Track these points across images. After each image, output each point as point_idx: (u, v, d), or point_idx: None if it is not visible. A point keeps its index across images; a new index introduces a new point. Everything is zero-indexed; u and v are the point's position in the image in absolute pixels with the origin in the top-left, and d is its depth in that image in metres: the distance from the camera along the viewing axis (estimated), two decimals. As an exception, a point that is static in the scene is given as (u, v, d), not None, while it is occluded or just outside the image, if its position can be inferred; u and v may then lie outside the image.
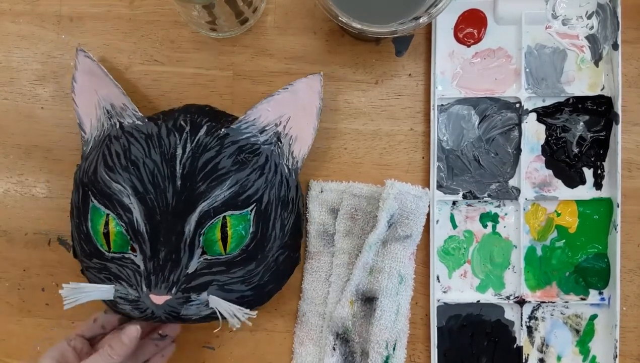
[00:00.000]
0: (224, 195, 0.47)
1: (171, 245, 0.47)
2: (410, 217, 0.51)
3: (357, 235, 0.53)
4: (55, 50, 0.56)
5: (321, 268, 0.54)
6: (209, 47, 0.55)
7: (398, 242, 0.52)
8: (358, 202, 0.53)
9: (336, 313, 0.52)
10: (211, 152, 0.48)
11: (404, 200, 0.51)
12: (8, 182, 0.56)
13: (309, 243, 0.54)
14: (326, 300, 0.54)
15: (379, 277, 0.52)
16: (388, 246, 0.52)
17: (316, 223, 0.54)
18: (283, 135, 0.51)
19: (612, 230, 0.54)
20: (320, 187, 0.54)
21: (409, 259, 0.53)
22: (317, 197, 0.54)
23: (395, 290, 0.52)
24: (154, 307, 0.48)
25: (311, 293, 0.54)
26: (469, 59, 0.55)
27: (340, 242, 0.53)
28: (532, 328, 0.54)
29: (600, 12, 0.54)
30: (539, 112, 0.54)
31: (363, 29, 0.46)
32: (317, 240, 0.54)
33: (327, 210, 0.54)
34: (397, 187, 0.51)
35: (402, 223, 0.52)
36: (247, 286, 0.49)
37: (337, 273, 0.53)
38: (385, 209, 0.51)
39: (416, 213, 0.52)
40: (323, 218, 0.54)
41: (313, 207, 0.54)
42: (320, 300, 0.54)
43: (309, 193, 0.54)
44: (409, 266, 0.53)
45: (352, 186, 0.53)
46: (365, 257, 0.51)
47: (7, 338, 0.56)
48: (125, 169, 0.48)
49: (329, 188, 0.54)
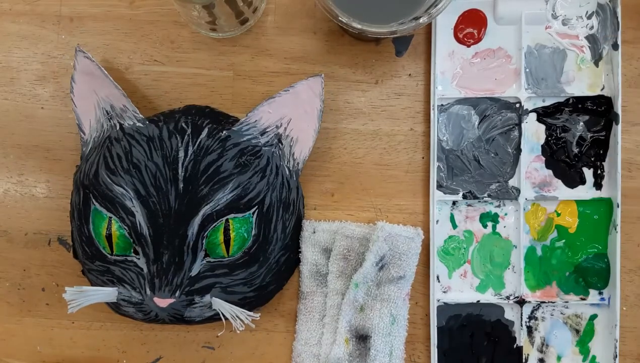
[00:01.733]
0: (226, 198, 0.47)
1: (174, 248, 0.47)
2: (403, 258, 0.51)
3: (349, 276, 0.52)
4: (55, 50, 0.56)
5: (315, 309, 0.54)
6: (209, 47, 0.55)
7: (392, 284, 0.52)
8: (350, 243, 0.52)
9: (332, 353, 0.51)
10: (213, 155, 0.48)
11: (395, 242, 0.51)
12: (8, 182, 0.56)
13: (302, 284, 0.54)
14: (320, 341, 0.53)
15: (370, 315, 0.52)
16: (382, 288, 0.52)
17: (309, 264, 0.53)
18: (284, 137, 0.51)
19: (612, 230, 0.54)
20: (313, 227, 0.53)
21: (403, 300, 0.53)
22: (310, 237, 0.53)
23: (387, 331, 0.52)
24: (158, 310, 0.48)
25: (305, 334, 0.54)
26: (469, 59, 0.55)
27: (333, 283, 0.53)
28: (532, 328, 0.55)
29: (600, 12, 0.54)
30: (539, 112, 0.54)
31: (363, 29, 0.46)
32: (310, 281, 0.54)
33: (320, 251, 0.53)
34: (387, 229, 0.51)
35: (394, 264, 0.52)
36: (250, 287, 0.50)
37: (331, 314, 0.53)
38: (373, 251, 0.51)
39: (408, 254, 0.52)
40: (316, 258, 0.53)
41: (306, 247, 0.53)
42: (314, 340, 0.54)
43: (302, 233, 0.53)
44: (403, 307, 0.53)
45: (344, 227, 0.53)
46: (352, 295, 0.51)
47: (7, 338, 0.56)
48: (127, 172, 0.48)
49: (322, 229, 0.53)
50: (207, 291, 0.48)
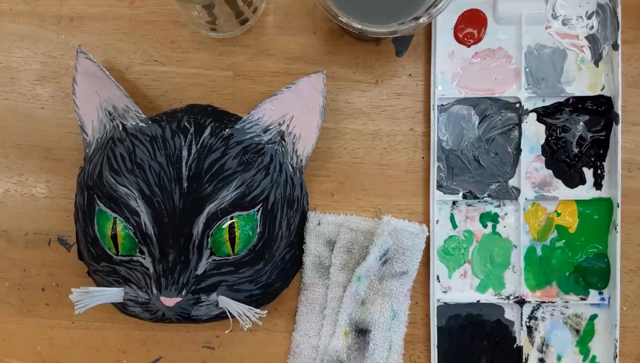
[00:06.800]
0: (230, 196, 0.48)
1: (180, 247, 0.47)
2: (406, 253, 0.51)
3: (352, 269, 0.53)
4: (55, 50, 0.56)
5: (316, 300, 0.54)
6: (209, 47, 0.55)
7: (395, 279, 0.52)
8: (355, 236, 0.52)
9: (331, 346, 0.51)
10: (217, 153, 0.48)
11: (400, 237, 0.51)
12: (8, 182, 0.56)
13: (304, 275, 0.54)
14: (320, 332, 0.53)
15: (370, 309, 0.52)
16: (384, 282, 0.52)
17: (312, 255, 0.53)
18: (287, 134, 0.51)
19: (612, 230, 0.54)
20: (318, 219, 0.53)
21: (404, 296, 0.53)
22: (314, 229, 0.53)
23: (388, 325, 0.52)
24: (165, 309, 0.48)
25: (305, 325, 0.54)
26: (469, 59, 0.55)
27: (336, 275, 0.53)
28: (532, 328, 0.55)
29: (600, 12, 0.54)
30: (539, 112, 0.54)
31: (363, 29, 0.46)
32: (313, 272, 0.54)
33: (324, 243, 0.53)
34: (392, 224, 0.51)
35: (397, 259, 0.52)
36: (256, 285, 0.50)
37: (332, 306, 0.53)
38: (377, 245, 0.51)
39: (412, 249, 0.52)
40: (319, 250, 0.53)
41: (310, 239, 0.53)
42: (314, 332, 0.54)
43: (307, 224, 0.53)
44: (404, 303, 0.53)
45: (349, 220, 0.53)
46: (353, 288, 0.51)
47: (8, 338, 0.56)
48: (131, 172, 0.48)
49: (327, 221, 0.53)
50: (214, 289, 0.48)
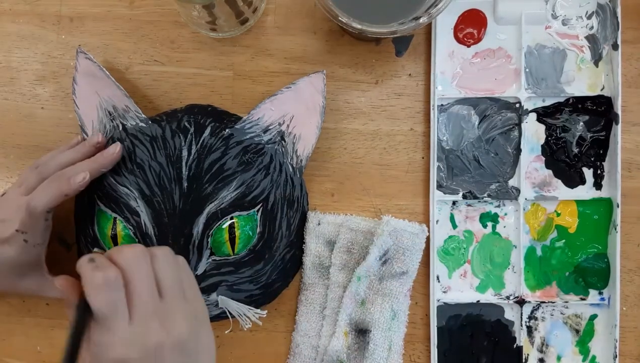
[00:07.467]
0: (230, 196, 0.48)
1: (179, 247, 0.47)
2: (406, 253, 0.51)
3: (352, 269, 0.53)
4: (55, 50, 0.56)
5: (315, 301, 0.54)
6: (209, 47, 0.55)
7: (394, 279, 0.52)
8: (355, 236, 0.52)
9: (331, 346, 0.51)
10: (217, 153, 0.48)
11: (400, 237, 0.51)
12: (8, 182, 0.56)
13: (304, 275, 0.54)
14: (320, 332, 0.53)
15: (370, 309, 0.52)
16: (384, 282, 0.52)
17: (312, 255, 0.53)
18: (287, 134, 0.51)
19: (612, 230, 0.54)
20: (318, 219, 0.53)
21: (404, 296, 0.53)
22: (314, 229, 0.53)
23: (387, 325, 0.52)
24: None
25: (305, 325, 0.54)
26: (469, 59, 0.55)
27: (336, 276, 0.53)
28: (532, 328, 0.55)
29: (600, 12, 0.54)
30: (539, 112, 0.54)
31: (363, 29, 0.47)
32: (313, 272, 0.54)
33: (324, 243, 0.53)
34: (392, 224, 0.51)
35: (397, 259, 0.52)
36: (256, 285, 0.50)
37: (332, 307, 0.53)
38: (377, 245, 0.51)
39: (412, 249, 0.52)
40: (319, 250, 0.53)
41: (310, 238, 0.53)
42: (314, 332, 0.54)
43: (307, 225, 0.53)
44: (404, 303, 0.53)
45: (349, 220, 0.53)
46: (353, 288, 0.51)
47: (7, 338, 0.56)
48: (131, 172, 0.48)
49: (327, 221, 0.53)
50: (214, 289, 0.48)
